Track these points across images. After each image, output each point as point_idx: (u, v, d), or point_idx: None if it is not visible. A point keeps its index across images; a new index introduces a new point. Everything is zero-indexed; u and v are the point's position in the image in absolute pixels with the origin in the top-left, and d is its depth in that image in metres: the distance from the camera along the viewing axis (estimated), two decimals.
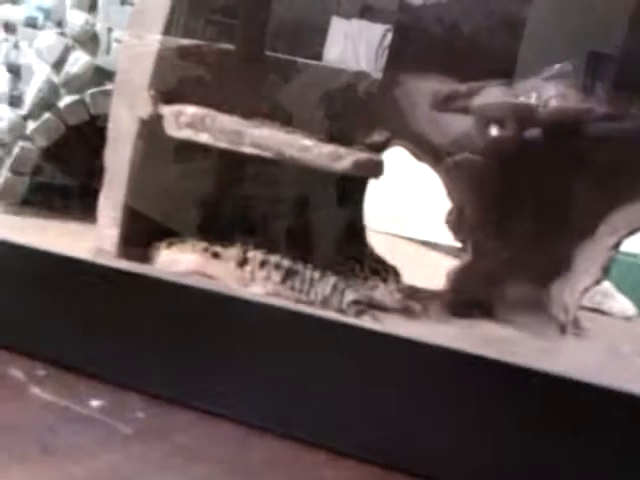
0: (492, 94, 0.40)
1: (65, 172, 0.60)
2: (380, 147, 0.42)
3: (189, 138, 0.34)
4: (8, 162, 0.54)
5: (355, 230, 0.46)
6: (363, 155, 0.35)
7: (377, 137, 0.42)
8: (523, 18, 0.43)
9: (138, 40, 0.36)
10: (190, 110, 0.34)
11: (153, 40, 0.36)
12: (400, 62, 0.44)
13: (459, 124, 0.42)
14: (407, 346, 0.31)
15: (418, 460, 0.31)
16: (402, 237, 0.69)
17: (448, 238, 0.48)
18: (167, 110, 0.35)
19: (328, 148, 0.34)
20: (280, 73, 0.45)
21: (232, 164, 0.43)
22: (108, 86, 0.53)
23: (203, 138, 0.34)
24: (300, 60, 0.46)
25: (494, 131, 0.40)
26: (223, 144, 0.34)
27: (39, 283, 0.36)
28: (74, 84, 0.54)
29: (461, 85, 0.40)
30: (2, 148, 0.54)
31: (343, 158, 0.34)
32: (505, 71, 0.42)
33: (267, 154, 0.34)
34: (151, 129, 0.37)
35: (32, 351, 0.35)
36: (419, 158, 0.43)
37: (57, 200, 0.58)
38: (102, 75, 0.54)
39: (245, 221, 0.43)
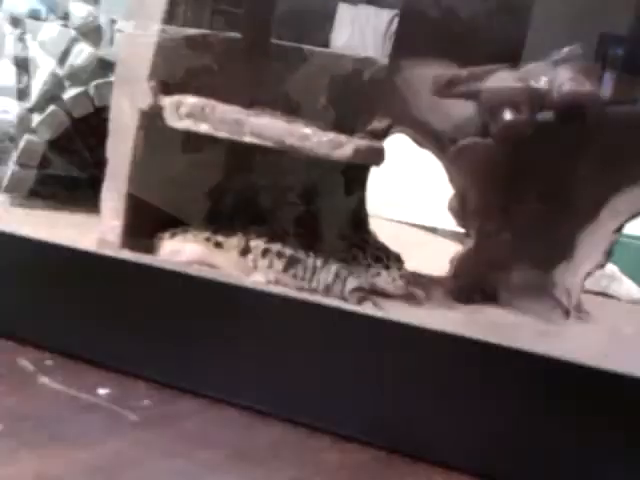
0: (501, 79, 0.40)
1: (72, 164, 0.61)
2: (381, 134, 0.42)
3: (189, 128, 0.34)
4: (15, 155, 0.54)
5: (358, 218, 0.46)
6: (363, 143, 0.35)
7: (378, 124, 0.42)
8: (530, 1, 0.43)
9: (138, 30, 0.36)
10: (190, 100, 0.34)
11: (153, 30, 0.36)
12: (404, 48, 0.43)
13: (461, 110, 0.42)
14: (408, 332, 0.32)
15: (421, 443, 0.31)
16: (406, 223, 0.69)
17: (452, 224, 0.48)
18: (167, 101, 0.35)
19: (328, 136, 0.34)
20: (286, 61, 0.45)
21: (235, 154, 0.43)
22: (112, 78, 0.53)
23: (203, 128, 0.34)
24: (306, 47, 0.46)
25: (504, 116, 0.40)
26: (223, 134, 0.34)
27: (45, 275, 0.37)
28: (78, 76, 0.55)
29: (462, 70, 0.40)
30: (9, 141, 0.55)
31: (343, 146, 0.34)
32: (513, 55, 0.42)
33: (267, 143, 0.34)
34: (153, 120, 0.37)
35: (40, 342, 0.36)
36: (421, 145, 0.43)
37: (64, 192, 0.58)
38: (106, 67, 0.54)
39: (248, 210, 0.43)
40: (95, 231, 0.40)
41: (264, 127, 0.34)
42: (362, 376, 0.32)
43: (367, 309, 0.35)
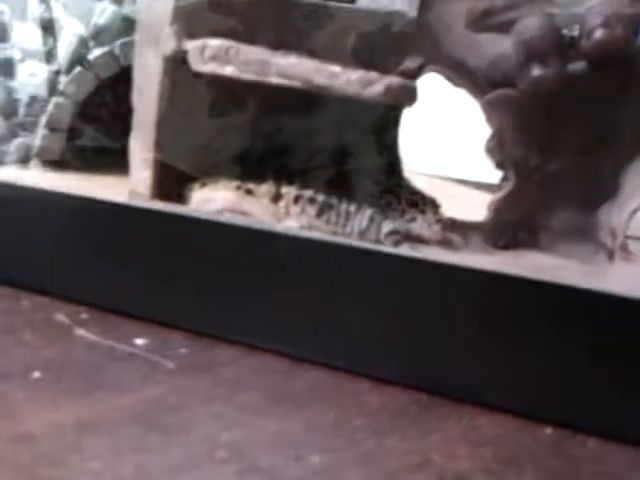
0: (528, 26, 0.38)
1: (102, 134, 0.61)
2: (414, 74, 0.40)
3: (214, 71, 0.33)
4: (44, 119, 0.54)
5: (390, 163, 0.45)
6: (395, 80, 0.34)
7: (410, 64, 0.40)
8: None
9: None
10: (214, 43, 0.33)
11: None
12: None
13: (497, 46, 0.40)
14: (448, 272, 0.31)
15: (463, 386, 0.31)
16: (437, 177, 0.68)
17: (486, 176, 0.46)
18: (191, 45, 0.34)
19: (358, 74, 0.33)
20: (311, 20, 0.43)
21: (263, 117, 0.42)
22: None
23: (228, 71, 0.33)
24: (332, 4, 0.45)
25: (531, 72, 0.38)
26: (249, 75, 0.33)
27: (78, 229, 0.36)
28: (102, 36, 0.54)
29: (498, 0, 0.38)
30: (38, 105, 0.55)
31: (374, 84, 0.33)
32: None
33: (294, 83, 0.33)
34: (178, 69, 0.36)
35: (75, 297, 0.36)
36: (455, 84, 0.42)
37: (96, 161, 0.58)
38: (130, 25, 0.53)
39: (277, 157, 0.42)
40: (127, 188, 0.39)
41: (291, 66, 0.33)
42: (400, 319, 0.31)
43: (404, 251, 0.34)
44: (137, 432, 0.26)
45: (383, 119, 0.46)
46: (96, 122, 0.59)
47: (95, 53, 0.54)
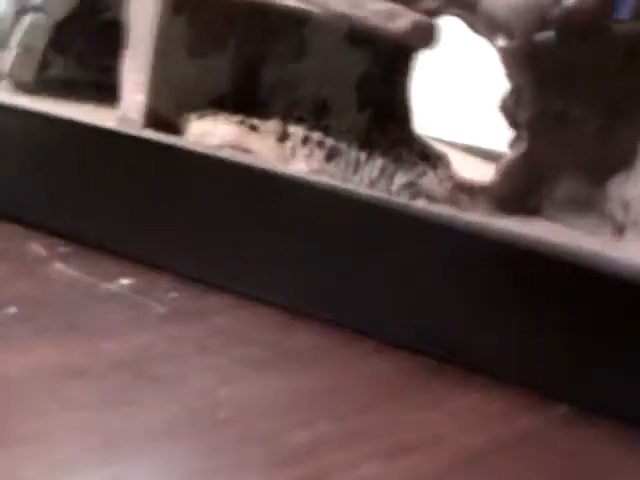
0: None
1: (76, 65, 0.56)
2: (432, 14, 0.37)
3: None
4: (18, 36, 0.49)
5: (401, 112, 0.42)
6: (420, 17, 0.31)
7: (430, 3, 0.37)
8: None
9: None
10: None
11: None
12: None
13: None
14: (455, 233, 0.28)
15: (473, 352, 0.29)
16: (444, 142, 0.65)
17: (488, 142, 0.44)
18: None
19: (384, 5, 0.30)
20: None
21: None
22: None
23: None
24: None
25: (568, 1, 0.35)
26: None
27: (59, 154, 0.33)
28: None
29: None
30: (7, 22, 0.50)
31: (399, 18, 0.30)
32: None
33: (313, 8, 0.29)
34: None
35: (53, 228, 0.33)
36: (474, 29, 0.39)
37: (67, 94, 0.53)
38: None
39: (280, 98, 0.39)
40: (112, 113, 0.36)
41: None
42: (411, 279, 0.29)
43: (419, 205, 0.32)
44: (126, 382, 0.23)
45: (394, 70, 0.43)
46: (68, 52, 0.55)
47: None
